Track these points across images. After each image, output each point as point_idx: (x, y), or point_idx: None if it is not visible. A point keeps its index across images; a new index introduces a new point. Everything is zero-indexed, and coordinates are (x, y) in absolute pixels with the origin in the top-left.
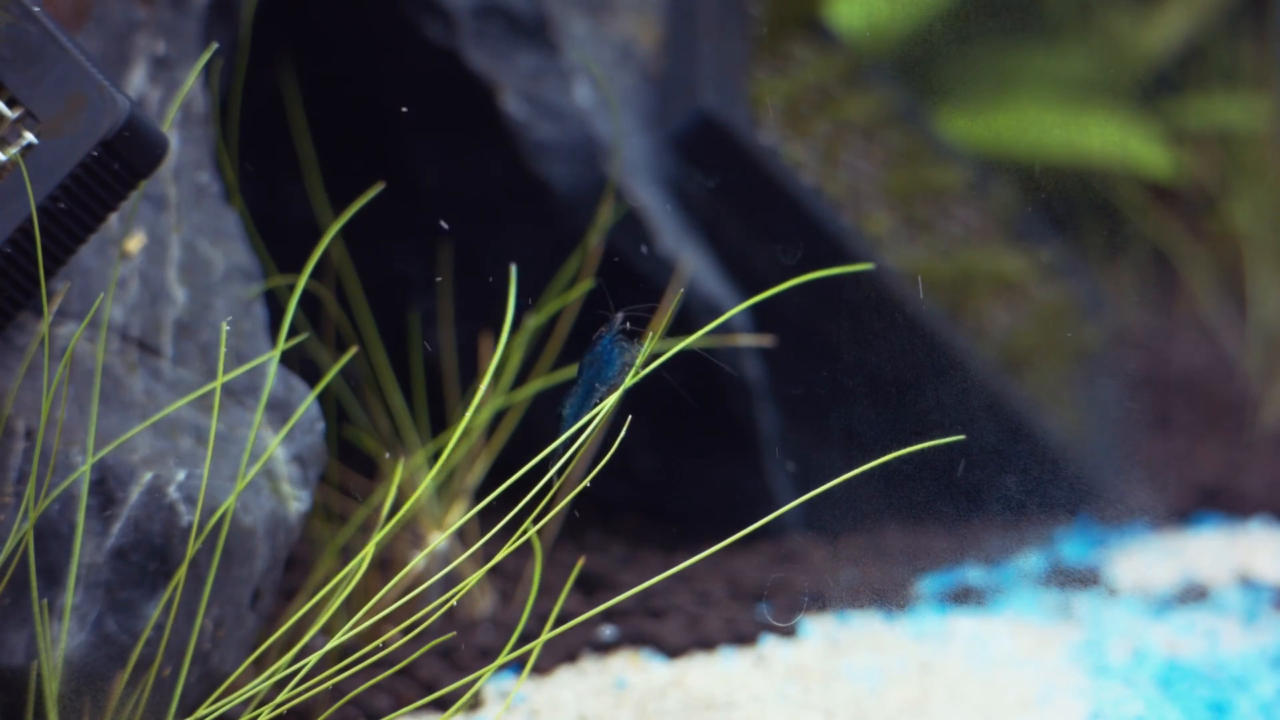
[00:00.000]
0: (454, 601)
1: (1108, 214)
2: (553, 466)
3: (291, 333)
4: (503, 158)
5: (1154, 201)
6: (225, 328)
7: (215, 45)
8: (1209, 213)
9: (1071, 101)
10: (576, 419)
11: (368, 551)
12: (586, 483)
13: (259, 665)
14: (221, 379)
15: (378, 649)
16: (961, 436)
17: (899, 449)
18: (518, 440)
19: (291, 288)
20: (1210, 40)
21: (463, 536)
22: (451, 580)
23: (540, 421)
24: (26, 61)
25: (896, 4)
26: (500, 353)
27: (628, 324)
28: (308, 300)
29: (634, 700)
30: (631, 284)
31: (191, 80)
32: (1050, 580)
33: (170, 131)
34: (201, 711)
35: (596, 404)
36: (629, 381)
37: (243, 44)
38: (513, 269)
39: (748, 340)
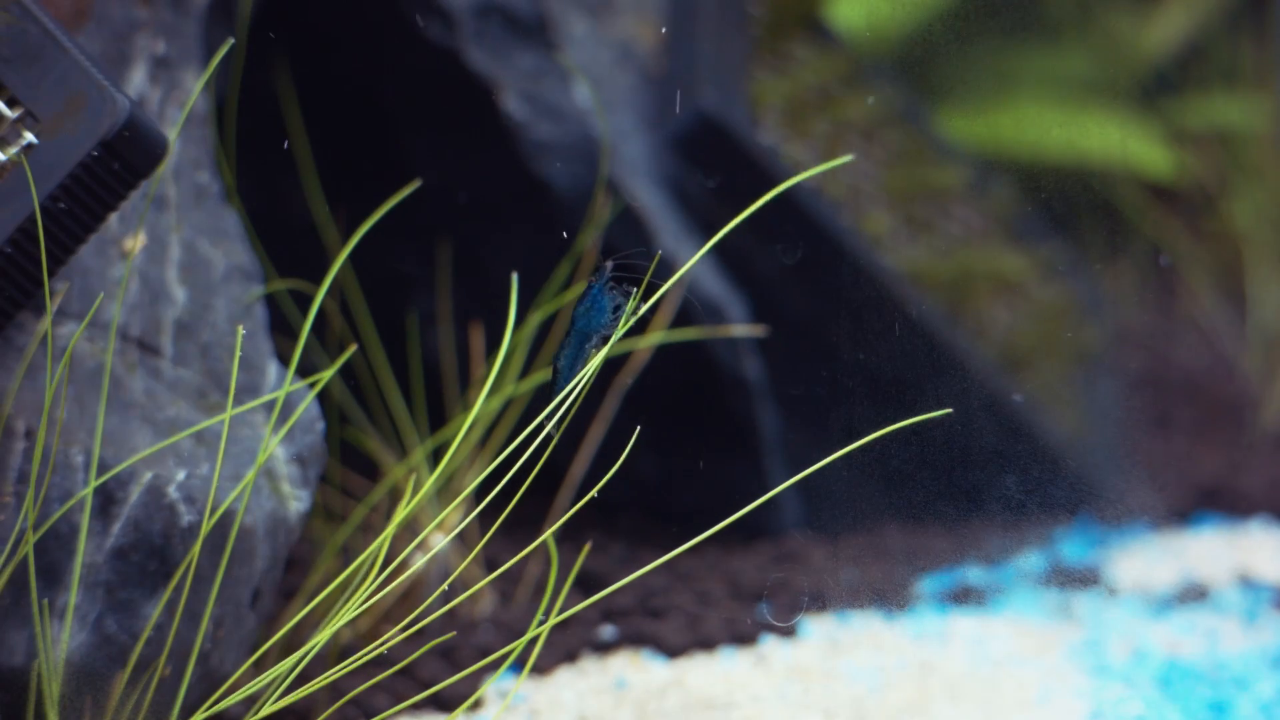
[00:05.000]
0: (455, 604)
1: (1108, 214)
2: (550, 420)
3: (292, 334)
4: (503, 158)
5: (1154, 201)
6: (241, 331)
7: (231, 42)
8: (1209, 213)
9: (1071, 101)
10: (571, 370)
11: (377, 553)
12: (594, 493)
13: (259, 665)
14: (232, 387)
15: (378, 649)
16: (948, 410)
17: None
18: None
19: (291, 290)
20: (1210, 40)
21: (462, 535)
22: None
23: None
24: (26, 61)
25: (896, 4)
26: (501, 352)
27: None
28: (306, 301)
29: (634, 700)
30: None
31: (202, 84)
32: (1050, 580)
33: (170, 131)
34: (201, 713)
35: (590, 354)
36: (620, 330)
37: (241, 44)
38: (514, 277)
39: (742, 331)
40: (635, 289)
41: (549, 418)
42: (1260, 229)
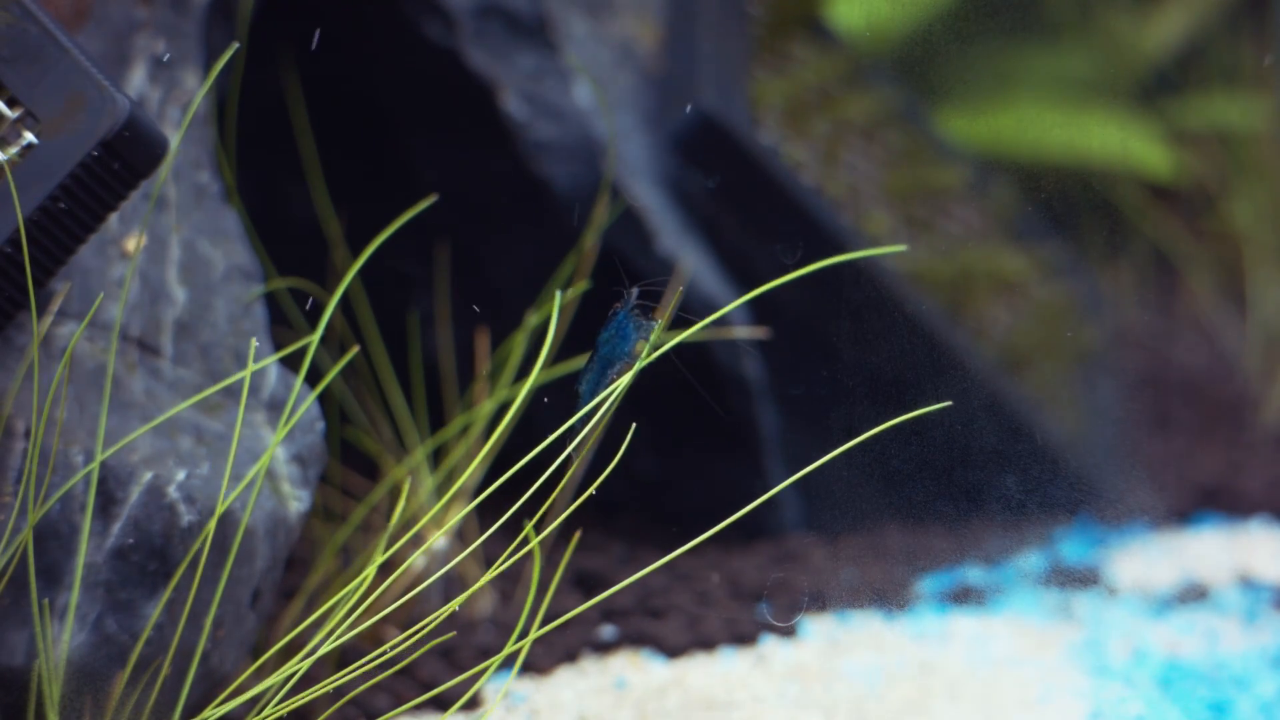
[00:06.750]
0: (455, 606)
1: (1108, 214)
2: (565, 448)
3: (292, 331)
4: (503, 158)
5: (1154, 201)
6: (255, 345)
7: (236, 46)
8: (1209, 213)
9: (1071, 101)
10: (593, 395)
11: (375, 558)
12: (592, 490)
13: (259, 667)
14: (235, 382)
15: (380, 651)
16: (948, 403)
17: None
18: (517, 439)
19: (291, 290)
20: (1210, 40)
21: (463, 536)
22: (452, 579)
23: (540, 419)
24: (26, 61)
25: (896, 4)
26: (540, 360)
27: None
28: (306, 300)
29: (634, 700)
30: (631, 283)
31: (207, 86)
32: (1050, 580)
33: (170, 131)
34: (205, 714)
35: (612, 380)
36: (644, 360)
37: (242, 44)
38: (557, 294)
39: (744, 333)
40: (660, 318)
41: (569, 440)
42: (1260, 229)
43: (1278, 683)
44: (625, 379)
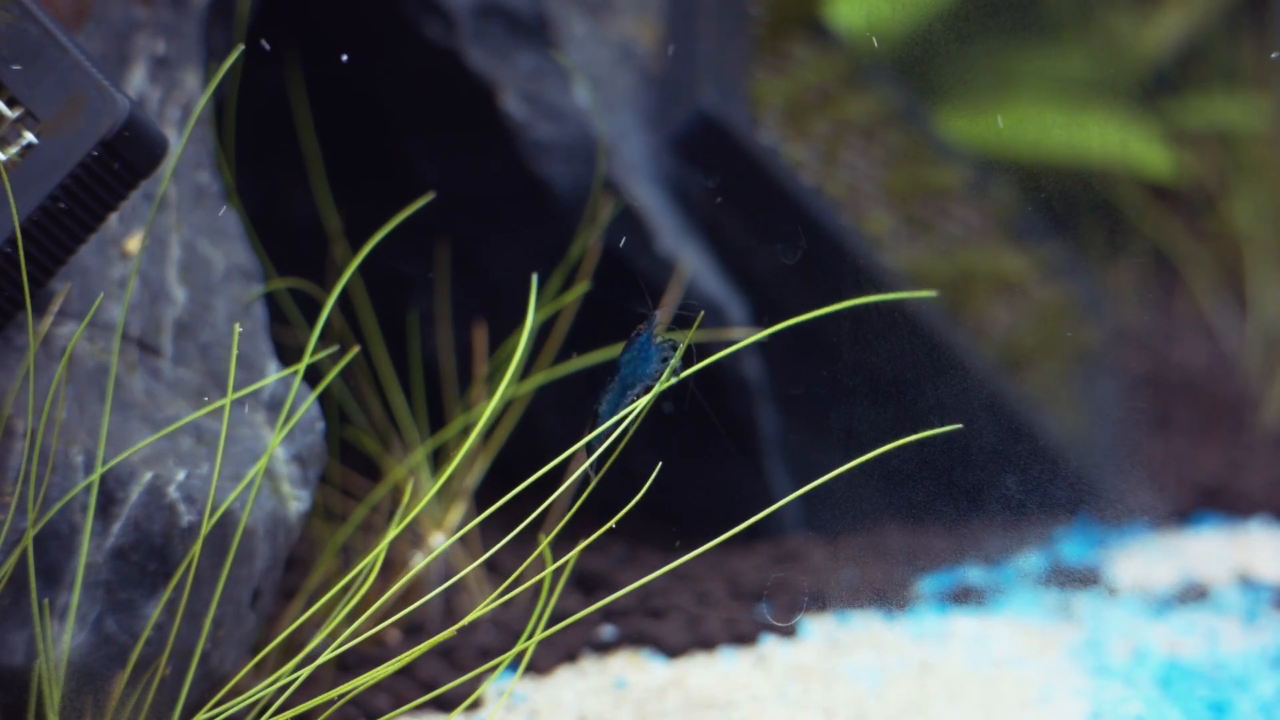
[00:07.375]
0: (467, 622)
1: (1108, 214)
2: (583, 462)
3: (292, 331)
4: (502, 158)
5: (1154, 201)
6: (237, 329)
7: (241, 48)
8: (1209, 213)
9: (1071, 101)
10: (613, 415)
11: (377, 557)
12: (611, 525)
13: (258, 666)
14: (231, 389)
15: (381, 652)
16: (958, 426)
17: (898, 449)
18: (517, 438)
19: (291, 289)
20: (1210, 40)
21: (463, 537)
22: (452, 582)
23: (540, 420)
24: (26, 61)
25: (896, 4)
26: (518, 356)
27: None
28: (307, 300)
29: (634, 700)
30: (631, 284)
31: (211, 88)
32: (1050, 580)
33: (170, 131)
34: (203, 714)
35: (632, 401)
36: (663, 384)
37: (241, 44)
38: (534, 278)
39: (745, 336)
40: (681, 341)
41: (587, 457)
42: (1260, 229)
43: (1278, 683)
44: (644, 400)
